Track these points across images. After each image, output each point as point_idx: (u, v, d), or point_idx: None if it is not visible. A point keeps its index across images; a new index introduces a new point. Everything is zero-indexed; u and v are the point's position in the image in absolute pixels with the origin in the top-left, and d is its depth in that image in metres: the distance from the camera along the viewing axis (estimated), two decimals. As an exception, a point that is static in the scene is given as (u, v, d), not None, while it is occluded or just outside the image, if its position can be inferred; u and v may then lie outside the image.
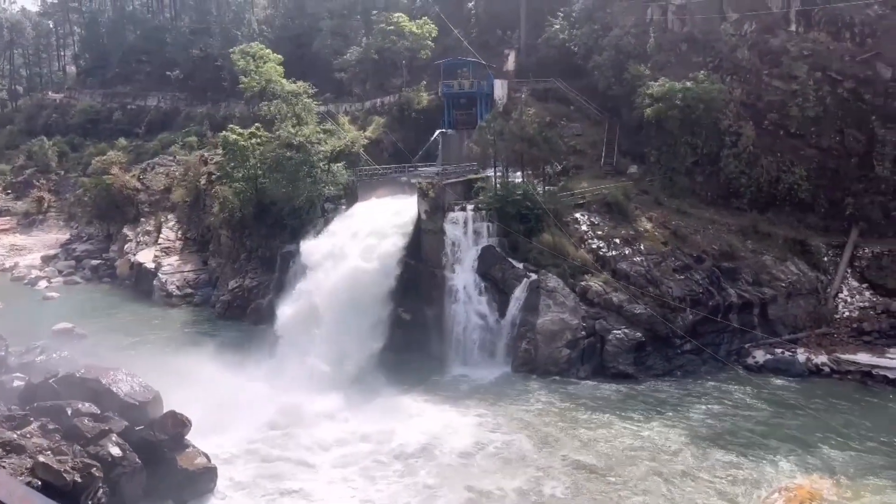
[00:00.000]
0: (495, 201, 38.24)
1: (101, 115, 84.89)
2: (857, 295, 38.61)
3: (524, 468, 25.21)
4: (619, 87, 48.62)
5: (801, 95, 41.17)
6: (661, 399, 31.31)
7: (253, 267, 47.69)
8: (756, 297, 36.92)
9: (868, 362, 33.25)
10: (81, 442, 20.26)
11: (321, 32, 67.81)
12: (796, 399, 30.77)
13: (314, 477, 24.84)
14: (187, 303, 50.04)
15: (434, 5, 63.53)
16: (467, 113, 53.06)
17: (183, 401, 23.98)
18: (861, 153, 41.06)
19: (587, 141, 48.85)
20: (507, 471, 25.04)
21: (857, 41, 41.79)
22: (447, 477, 24.78)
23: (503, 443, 27.08)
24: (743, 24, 44.67)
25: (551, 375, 33.58)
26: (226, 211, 48.81)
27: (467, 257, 37.37)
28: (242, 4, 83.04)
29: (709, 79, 43.45)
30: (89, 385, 23.37)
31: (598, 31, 52.14)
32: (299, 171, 44.27)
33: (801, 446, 26.42)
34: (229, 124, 53.57)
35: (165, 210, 59.84)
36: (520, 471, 25.01)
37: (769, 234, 40.37)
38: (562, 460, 25.67)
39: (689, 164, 43.98)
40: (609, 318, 34.64)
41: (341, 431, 28.25)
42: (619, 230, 38.50)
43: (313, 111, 48.88)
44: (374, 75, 61.34)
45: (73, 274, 58.48)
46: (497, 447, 26.75)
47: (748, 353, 35.36)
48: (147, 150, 71.09)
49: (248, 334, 41.55)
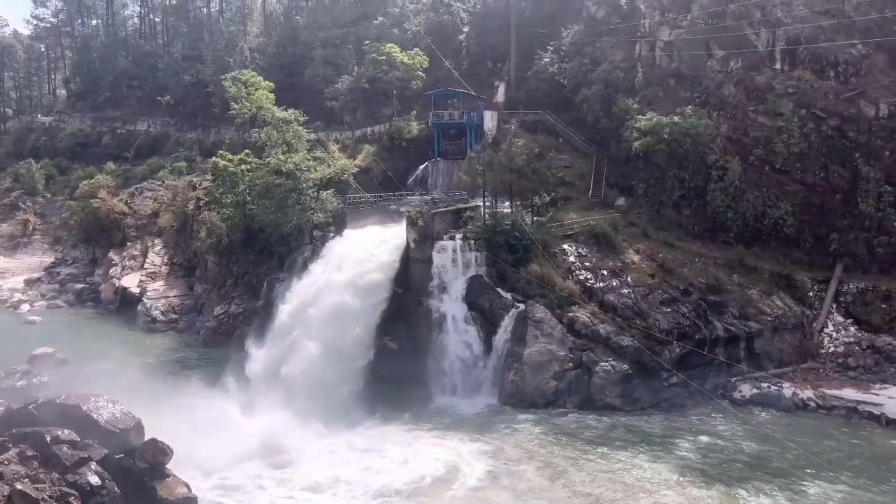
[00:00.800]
0: (484, 231, 38.35)
1: (91, 139, 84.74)
2: (843, 330, 38.85)
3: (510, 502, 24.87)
4: (607, 121, 49.24)
5: (786, 132, 41.83)
6: (649, 432, 31.13)
7: (239, 293, 47.38)
8: (742, 330, 37.05)
9: (854, 398, 33.30)
10: (60, 470, 19.82)
11: (313, 61, 68.37)
12: (783, 434, 30.67)
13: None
14: (172, 328, 49.55)
15: (426, 37, 64.35)
16: (457, 143, 53.45)
17: (164, 429, 23.56)
18: (845, 189, 41.64)
19: (575, 173, 49.28)
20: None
21: (841, 80, 42.63)
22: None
23: (488, 476, 26.73)
24: (729, 62, 45.50)
25: (538, 407, 33.39)
26: (213, 236, 48.63)
27: (455, 286, 37.32)
28: (235, 32, 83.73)
29: (696, 114, 44.12)
30: (69, 411, 22.90)
31: (587, 64, 52.92)
32: (288, 198, 44.26)
33: (789, 481, 26.29)
34: (219, 150, 53.61)
35: (152, 235, 59.56)
36: None
37: (755, 268, 40.68)
38: (548, 494, 25.36)
39: (677, 198, 44.41)
40: (596, 350, 34.60)
41: (324, 463, 27.84)
42: (606, 262, 38.66)
43: (303, 138, 49.07)
44: (364, 104, 61.80)
45: (57, 298, 57.84)
46: (481, 481, 26.40)
47: (734, 386, 35.35)
48: (136, 175, 70.90)
49: (233, 362, 41.04)
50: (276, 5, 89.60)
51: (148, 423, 23.58)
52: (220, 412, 30.24)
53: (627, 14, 52.61)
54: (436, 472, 26.93)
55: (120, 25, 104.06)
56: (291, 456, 28.08)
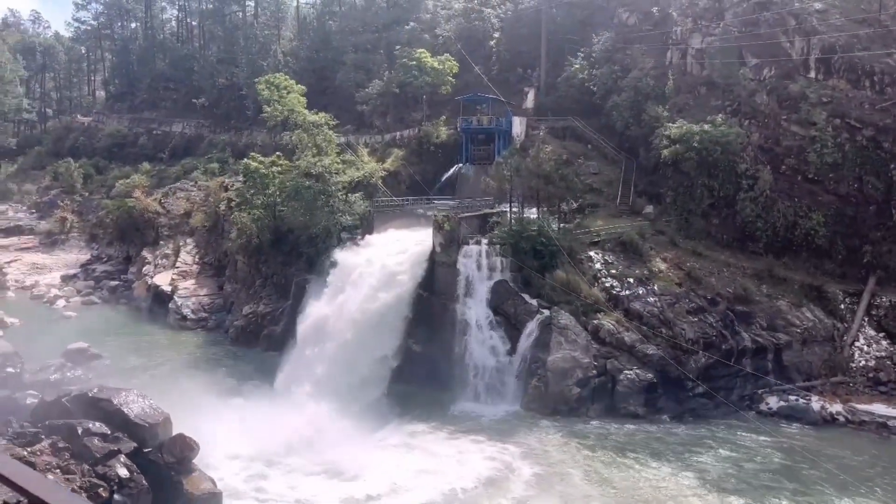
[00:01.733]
0: (510, 236, 38.43)
1: (128, 140, 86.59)
2: (874, 344, 38.14)
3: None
4: (636, 128, 49.00)
5: (819, 141, 41.22)
6: (673, 442, 30.91)
7: (268, 293, 48.03)
8: (770, 342, 36.59)
9: (884, 413, 32.74)
10: (90, 461, 20.38)
11: (345, 66, 69.10)
12: (811, 448, 30.23)
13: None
14: (201, 327, 50.36)
15: (456, 42, 64.63)
16: (485, 149, 53.61)
17: (192, 424, 24.08)
18: (880, 201, 40.91)
19: (604, 180, 49.10)
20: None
21: (877, 89, 41.93)
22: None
23: (513, 482, 26.79)
24: (762, 70, 45.02)
25: (561, 414, 33.32)
26: (243, 237, 49.38)
27: (480, 291, 37.46)
28: (269, 36, 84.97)
29: (727, 122, 43.72)
30: (101, 405, 23.52)
31: (617, 71, 52.74)
32: (317, 201, 44.80)
33: (815, 496, 25.95)
34: (251, 152, 54.48)
35: (184, 234, 60.60)
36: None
37: (785, 279, 40.11)
38: (570, 501, 25.36)
39: (706, 206, 43.99)
40: (621, 358, 34.46)
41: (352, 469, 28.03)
42: (633, 269, 38.48)
43: (333, 142, 49.63)
44: (394, 109, 62.28)
45: (92, 294, 59.13)
46: (505, 487, 26.47)
47: (761, 398, 34.94)
48: (170, 175, 72.28)
49: (260, 360, 41.73)
50: (309, 10, 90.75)
51: (176, 418, 24.13)
52: (247, 409, 30.75)
53: (659, 21, 52.39)
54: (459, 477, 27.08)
55: (158, 28, 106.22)
56: (314, 453, 28.40)
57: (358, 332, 36.74)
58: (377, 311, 37.17)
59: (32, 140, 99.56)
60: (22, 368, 34.22)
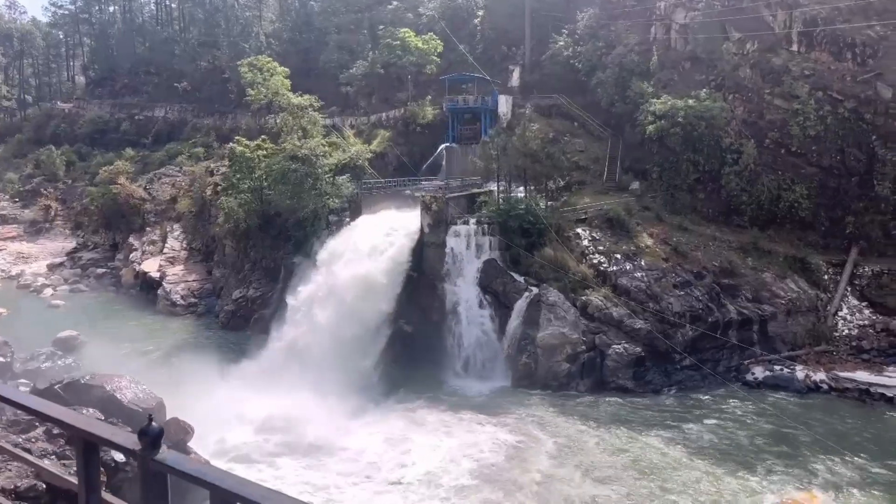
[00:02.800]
0: (498, 215, 38.63)
1: (109, 126, 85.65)
2: (857, 313, 38.81)
3: (526, 483, 25.35)
4: (622, 104, 49.12)
5: (802, 115, 41.58)
6: (661, 414, 31.48)
7: (257, 277, 48.04)
8: (755, 313, 37.15)
9: (866, 380, 33.41)
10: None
11: (328, 46, 68.61)
12: (795, 415, 30.94)
13: (313, 490, 25.02)
14: (191, 312, 50.36)
15: (440, 21, 64.28)
16: (471, 128, 53.58)
17: (186, 408, 24.27)
18: (861, 172, 41.41)
19: (590, 157, 49.27)
20: (509, 487, 25.14)
21: (859, 61, 42.24)
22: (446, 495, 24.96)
23: (504, 457, 27.22)
24: (745, 44, 45.19)
25: (551, 389, 33.79)
26: (231, 222, 49.26)
27: (469, 270, 37.72)
28: (250, 18, 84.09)
29: (711, 97, 43.94)
30: (94, 392, 23.66)
31: (601, 48, 52.74)
32: (304, 184, 44.73)
33: (800, 462, 26.59)
34: (236, 136, 54.15)
35: (171, 220, 60.33)
36: (523, 485, 25.16)
37: (769, 252, 40.63)
38: (563, 474, 25.84)
39: (691, 181, 44.34)
40: (609, 333, 34.89)
41: (342, 443, 28.45)
42: (620, 245, 38.82)
43: (319, 124, 49.45)
44: (379, 89, 61.99)
45: (79, 282, 58.87)
46: (496, 462, 26.89)
47: (747, 369, 35.53)
48: (154, 161, 71.72)
49: (251, 344, 41.83)
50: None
51: (169, 402, 24.31)
52: (238, 391, 30.95)
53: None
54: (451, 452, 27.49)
55: (137, 12, 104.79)
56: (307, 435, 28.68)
57: (347, 314, 36.91)
58: (366, 292, 37.32)
59: (12, 128, 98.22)
60: (12, 357, 34.22)
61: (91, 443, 4.46)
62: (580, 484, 25.10)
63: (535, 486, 25.02)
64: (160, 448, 4.09)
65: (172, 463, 4.02)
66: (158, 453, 4.05)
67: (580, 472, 25.93)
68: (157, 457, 4.04)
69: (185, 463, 4.01)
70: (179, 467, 3.97)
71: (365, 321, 36.77)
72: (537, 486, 24.95)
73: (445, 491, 24.78)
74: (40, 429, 21.39)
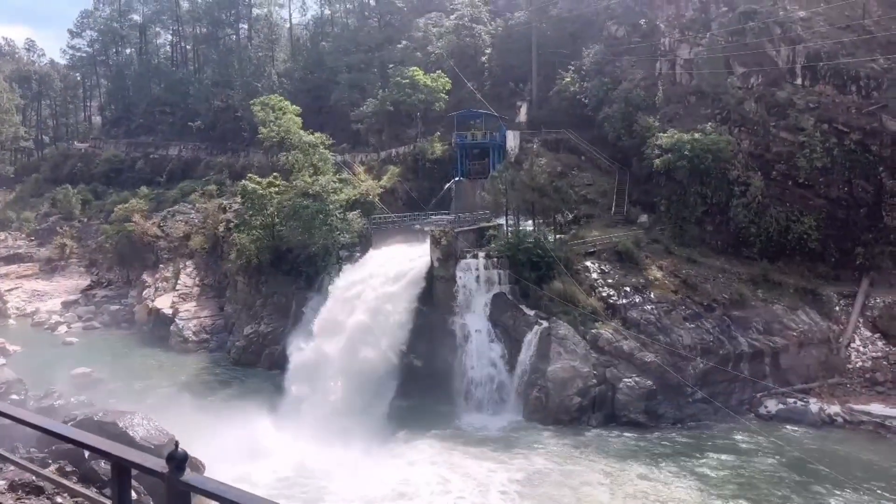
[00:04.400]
0: (507, 249, 38.88)
1: (125, 164, 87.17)
2: (870, 345, 38.53)
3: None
4: (628, 138, 49.60)
5: (808, 147, 41.82)
6: (674, 449, 31.21)
7: (268, 313, 48.38)
8: (767, 346, 36.96)
9: (881, 413, 33.05)
10: (98, 484, 20.63)
11: (339, 85, 69.88)
12: (810, 450, 30.58)
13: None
14: (203, 348, 50.67)
15: (448, 59, 65.43)
16: (480, 163, 54.19)
17: (197, 446, 24.36)
18: (870, 203, 41.46)
19: (598, 190, 49.63)
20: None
21: (863, 94, 42.60)
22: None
23: (516, 495, 27.05)
24: (749, 78, 45.71)
25: (563, 424, 33.60)
26: (243, 258, 49.81)
27: (479, 304, 37.85)
28: (263, 58, 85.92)
29: (717, 130, 44.34)
30: (106, 428, 23.81)
31: (607, 83, 53.44)
32: (315, 220, 45.29)
33: (816, 497, 26.25)
34: (248, 173, 55.04)
35: (184, 257, 61.01)
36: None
37: (780, 283, 40.56)
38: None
39: (699, 214, 44.48)
40: (620, 366, 34.81)
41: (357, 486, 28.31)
42: (629, 278, 38.91)
43: (330, 161, 50.21)
44: (389, 126, 62.94)
45: (93, 319, 59.43)
46: (504, 498, 26.74)
47: (760, 402, 35.26)
48: (168, 198, 72.79)
49: (262, 380, 42.03)
50: (302, 31, 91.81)
51: (181, 439, 24.37)
52: (249, 428, 31.02)
53: (647, 33, 53.16)
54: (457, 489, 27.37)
55: (153, 54, 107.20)
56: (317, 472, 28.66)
57: (358, 348, 37.08)
58: (376, 326, 37.53)
59: (30, 167, 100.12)
60: (26, 395, 34.49)
61: (124, 467, 4.97)
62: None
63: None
64: (185, 470, 4.50)
65: (196, 483, 4.44)
66: (183, 475, 4.46)
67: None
68: (183, 478, 4.45)
69: (208, 483, 4.40)
70: (203, 487, 4.37)
71: (374, 357, 36.90)
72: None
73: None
74: (53, 466, 21.57)
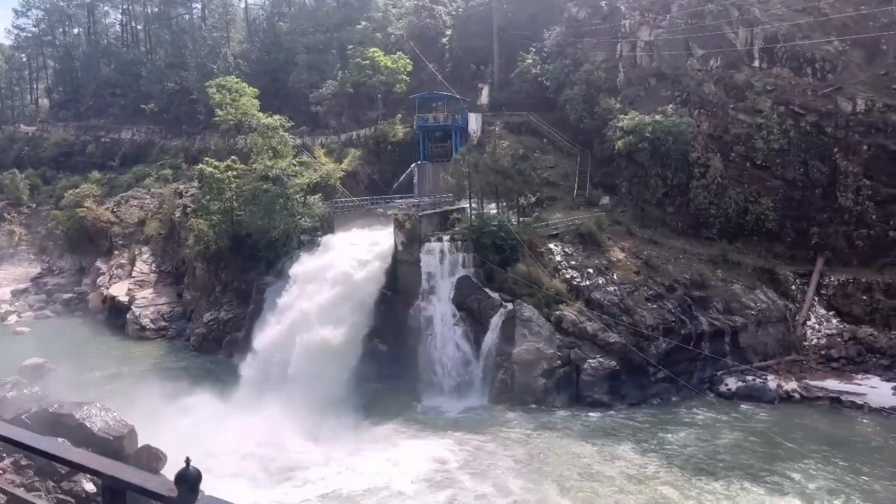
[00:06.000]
0: (471, 232, 38.72)
1: (75, 148, 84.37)
2: (825, 322, 39.53)
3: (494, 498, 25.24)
4: (590, 121, 49.78)
5: (765, 129, 42.53)
6: (637, 428, 31.61)
7: (228, 300, 47.47)
8: (727, 325, 37.63)
9: (836, 388, 33.99)
10: (55, 478, 19.92)
11: (297, 66, 68.55)
12: (768, 425, 31.32)
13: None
14: (161, 336, 49.54)
15: (409, 40, 64.70)
16: (442, 146, 53.80)
17: (158, 435, 23.74)
18: (825, 184, 42.37)
19: (560, 173, 49.76)
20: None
21: (819, 76, 43.40)
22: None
23: (482, 477, 27.05)
24: (709, 60, 46.19)
25: (528, 405, 33.76)
26: (201, 243, 48.68)
27: (443, 288, 37.66)
28: (218, 39, 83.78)
29: (677, 112, 44.78)
30: (62, 420, 22.99)
31: (569, 66, 53.47)
32: (276, 204, 44.45)
33: (775, 471, 26.83)
34: (205, 157, 53.71)
35: (139, 243, 59.44)
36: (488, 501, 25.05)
37: (738, 264, 41.29)
38: (536, 490, 25.75)
39: (660, 196, 44.98)
40: (584, 347, 35.05)
41: (320, 468, 28.05)
42: (592, 260, 39.13)
43: (289, 144, 49.23)
44: (349, 109, 62.06)
45: (45, 308, 57.61)
46: (475, 482, 26.72)
47: (720, 380, 35.92)
48: (121, 183, 70.74)
49: (224, 367, 41.26)
50: (258, 12, 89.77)
51: (141, 429, 23.74)
52: (212, 416, 30.42)
53: (608, 15, 53.27)
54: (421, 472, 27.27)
55: (102, 34, 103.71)
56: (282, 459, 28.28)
57: (321, 333, 36.60)
58: (340, 312, 37.08)
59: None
60: (-25, 387, 33.18)
61: (118, 490, 4.04)
62: (555, 500, 25.04)
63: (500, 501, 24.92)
64: (199, 494, 3.73)
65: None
66: (197, 499, 3.70)
67: (554, 488, 25.83)
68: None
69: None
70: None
71: (338, 342, 36.47)
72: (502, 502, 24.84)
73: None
74: (8, 460, 20.77)
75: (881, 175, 41.05)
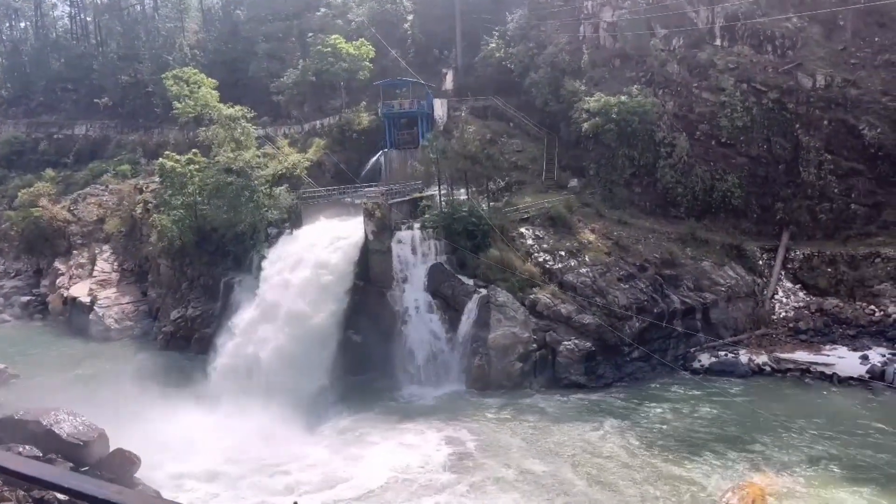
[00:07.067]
0: (441, 219, 38.43)
1: (26, 146, 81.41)
2: (792, 296, 40.22)
3: (481, 484, 25.14)
4: (556, 103, 49.67)
5: (729, 107, 42.93)
6: (614, 407, 31.83)
7: (195, 296, 46.44)
8: (698, 302, 38.04)
9: (806, 360, 34.62)
10: (24, 486, 19.19)
11: (256, 56, 67.04)
12: (741, 399, 31.81)
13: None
14: (127, 336, 48.31)
15: (370, 27, 63.70)
16: (409, 133, 53.20)
17: (130, 438, 23.06)
18: (788, 160, 43.00)
19: (528, 157, 49.60)
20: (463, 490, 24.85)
21: (779, 53, 43.92)
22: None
23: (460, 464, 26.90)
24: (671, 40, 46.38)
25: (505, 390, 33.74)
26: (164, 240, 47.49)
27: (416, 276, 37.35)
28: (173, 29, 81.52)
29: (642, 93, 44.89)
30: (29, 427, 22.14)
31: (533, 48, 53.22)
32: (240, 197, 43.51)
33: (750, 444, 27.24)
34: (164, 151, 52.26)
35: (99, 241, 57.72)
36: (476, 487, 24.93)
37: (707, 241, 41.75)
38: (517, 472, 25.74)
39: (628, 176, 45.17)
40: (559, 330, 35.10)
41: (297, 462, 27.65)
42: (563, 243, 39.17)
43: (252, 135, 48.16)
44: (312, 97, 60.92)
45: (2, 312, 55.73)
46: (454, 469, 26.57)
47: (694, 356, 36.34)
48: (77, 181, 68.48)
49: (194, 364, 40.38)
50: (213, 1, 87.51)
51: (112, 433, 23.02)
52: (185, 416, 29.74)
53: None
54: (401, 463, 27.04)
55: (50, 27, 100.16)
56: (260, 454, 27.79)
57: (293, 327, 36.03)
58: (311, 304, 36.52)
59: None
60: (-67, 397, 31.93)
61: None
62: (533, 481, 25.03)
63: (488, 487, 24.84)
64: None
65: None
66: None
67: (532, 470, 25.85)
68: None
69: None
70: None
71: (311, 335, 35.94)
72: (491, 487, 24.77)
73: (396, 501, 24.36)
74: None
75: (842, 149, 41.82)
